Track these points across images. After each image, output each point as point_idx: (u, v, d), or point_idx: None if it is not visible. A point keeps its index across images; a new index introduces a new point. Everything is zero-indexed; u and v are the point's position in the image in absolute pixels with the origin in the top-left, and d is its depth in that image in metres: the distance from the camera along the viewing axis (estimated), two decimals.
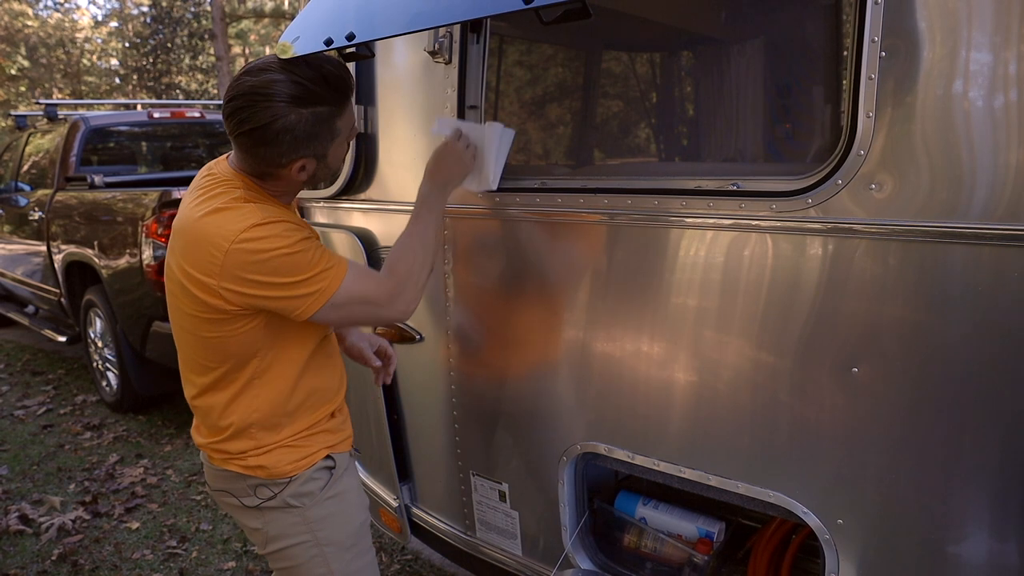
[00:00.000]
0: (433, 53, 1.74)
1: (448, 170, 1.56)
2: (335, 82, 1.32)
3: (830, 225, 1.23)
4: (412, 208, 1.54)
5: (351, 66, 1.97)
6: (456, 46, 1.73)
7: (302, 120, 1.29)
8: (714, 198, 1.36)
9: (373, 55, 1.62)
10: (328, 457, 1.51)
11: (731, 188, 1.34)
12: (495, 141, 1.60)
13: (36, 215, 5.13)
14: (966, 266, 1.13)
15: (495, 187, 1.63)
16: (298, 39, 1.31)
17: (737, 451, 1.44)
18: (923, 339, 1.19)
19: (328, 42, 1.25)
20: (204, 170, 1.46)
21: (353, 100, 1.41)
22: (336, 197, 2.14)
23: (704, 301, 1.42)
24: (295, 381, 1.45)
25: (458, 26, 1.71)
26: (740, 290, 1.37)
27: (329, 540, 1.49)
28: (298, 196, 2.37)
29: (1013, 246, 1.07)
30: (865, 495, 1.30)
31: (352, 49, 1.35)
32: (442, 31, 1.72)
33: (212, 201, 1.33)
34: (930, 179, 1.13)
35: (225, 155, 1.46)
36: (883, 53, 1.14)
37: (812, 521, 1.35)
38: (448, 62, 1.75)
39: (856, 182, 1.19)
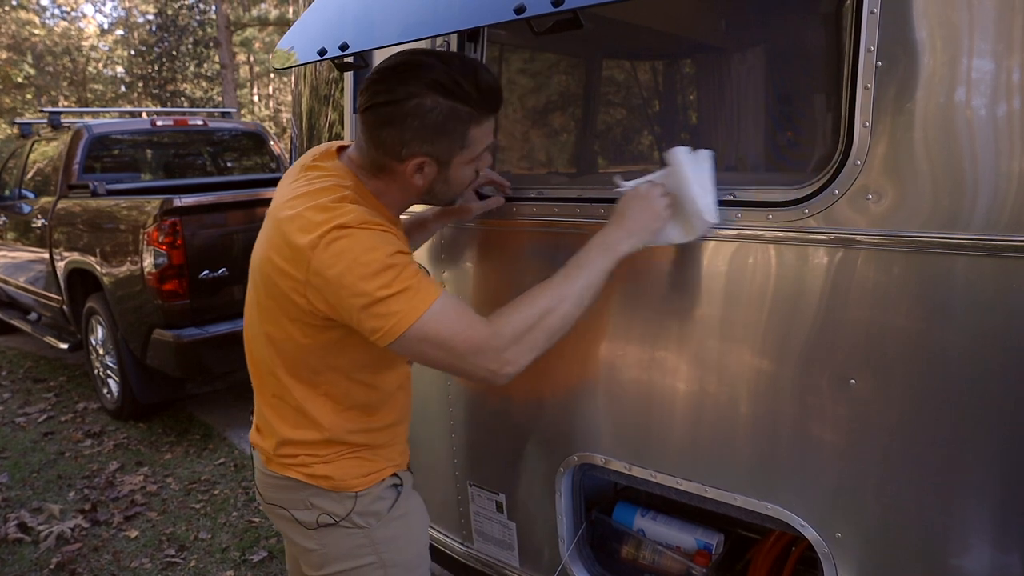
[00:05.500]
0: None
1: (633, 220, 1.29)
2: (486, 91, 1.22)
3: (827, 235, 1.22)
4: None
5: (347, 76, 1.98)
6: None
7: (438, 108, 1.17)
8: None
9: (367, 66, 1.62)
10: (395, 475, 1.44)
11: (728, 198, 1.34)
12: (689, 171, 1.30)
13: (39, 222, 5.14)
14: (963, 277, 1.12)
15: (715, 219, 1.31)
16: (292, 48, 1.31)
17: (734, 463, 1.42)
18: (921, 351, 1.18)
19: (322, 52, 1.25)
20: (309, 157, 1.32)
21: (494, 122, 1.30)
22: None
23: (701, 311, 1.42)
24: (377, 396, 1.39)
25: (455, 36, 1.71)
26: (737, 300, 1.36)
27: (395, 562, 1.41)
28: None
29: (1004, 256, 1.06)
30: (863, 508, 1.28)
31: (349, 59, 1.35)
32: (439, 40, 1.72)
33: (317, 196, 1.20)
34: (927, 189, 1.12)
35: (335, 144, 1.35)
36: (879, 63, 1.13)
37: (810, 534, 1.34)
38: None
39: (853, 192, 1.18)
